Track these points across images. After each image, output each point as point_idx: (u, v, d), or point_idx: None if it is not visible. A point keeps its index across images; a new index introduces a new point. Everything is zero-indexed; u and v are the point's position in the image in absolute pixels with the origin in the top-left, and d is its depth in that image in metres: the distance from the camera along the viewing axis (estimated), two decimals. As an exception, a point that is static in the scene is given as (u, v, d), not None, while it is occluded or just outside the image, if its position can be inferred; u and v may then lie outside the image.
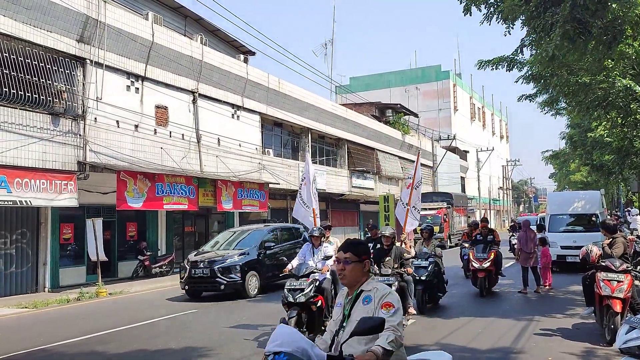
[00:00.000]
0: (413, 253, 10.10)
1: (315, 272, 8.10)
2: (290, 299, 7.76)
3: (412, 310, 9.25)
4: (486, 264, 12.03)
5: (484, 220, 14.19)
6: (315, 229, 8.78)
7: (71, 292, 14.34)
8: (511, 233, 23.73)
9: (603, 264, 7.84)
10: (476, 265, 12.15)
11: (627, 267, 7.77)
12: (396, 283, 8.72)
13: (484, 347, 7.58)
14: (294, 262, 8.45)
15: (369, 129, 34.84)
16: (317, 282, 7.97)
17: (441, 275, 10.85)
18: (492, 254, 12.13)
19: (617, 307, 7.39)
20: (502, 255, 13.25)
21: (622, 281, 7.56)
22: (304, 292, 7.70)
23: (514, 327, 8.85)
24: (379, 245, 9.51)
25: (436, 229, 12.62)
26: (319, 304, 7.86)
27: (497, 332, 8.58)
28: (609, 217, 19.59)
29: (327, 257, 8.20)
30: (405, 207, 10.67)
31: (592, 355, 7.09)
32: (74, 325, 10.25)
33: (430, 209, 29.98)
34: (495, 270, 12.43)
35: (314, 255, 8.44)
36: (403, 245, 9.76)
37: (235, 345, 8.05)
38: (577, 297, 11.54)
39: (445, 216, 31.05)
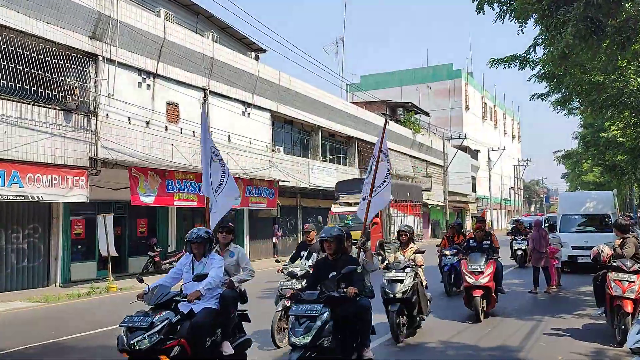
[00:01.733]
0: (376, 263, 7.02)
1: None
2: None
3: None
4: (484, 279, 9.22)
5: (480, 220, 11.24)
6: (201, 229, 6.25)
7: (82, 287, 14.47)
8: (513, 236, 20.19)
9: (614, 264, 7.78)
10: (471, 280, 9.29)
11: (639, 267, 7.69)
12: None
13: (493, 346, 7.54)
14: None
15: (379, 128, 34.67)
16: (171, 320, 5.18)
17: (423, 291, 8.22)
18: (491, 265, 9.48)
19: (628, 308, 7.32)
20: (503, 265, 10.55)
21: (633, 282, 7.49)
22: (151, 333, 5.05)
23: (523, 327, 8.80)
24: (314, 255, 8.06)
25: (356, 234, 8.29)
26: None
27: (506, 331, 8.53)
28: (621, 217, 19.41)
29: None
30: (365, 199, 7.45)
31: (602, 355, 7.03)
32: (85, 320, 10.33)
33: (351, 203, 21.24)
34: (495, 286, 9.64)
35: (193, 271, 5.81)
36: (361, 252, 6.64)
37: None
38: (587, 298, 11.44)
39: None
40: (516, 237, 19.40)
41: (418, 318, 8.17)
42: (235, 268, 6.36)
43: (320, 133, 28.74)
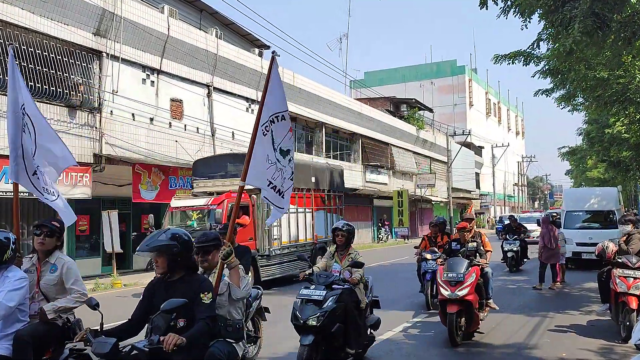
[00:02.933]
0: (246, 286, 4.48)
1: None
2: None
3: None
4: (462, 291, 7.27)
5: (467, 219, 9.49)
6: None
7: (87, 283, 14.40)
8: (504, 236, 16.95)
9: (619, 260, 7.76)
10: (446, 292, 7.36)
11: (644, 264, 7.67)
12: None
13: (497, 342, 7.55)
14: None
15: (383, 124, 34.74)
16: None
17: (354, 317, 6.00)
18: (473, 273, 7.55)
19: (633, 304, 7.30)
20: (492, 273, 8.58)
21: (638, 278, 7.47)
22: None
23: (528, 323, 8.80)
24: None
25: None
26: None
27: (511, 327, 8.53)
28: (625, 213, 19.32)
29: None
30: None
31: (607, 352, 7.02)
32: (89, 316, 10.36)
33: (211, 193, 13.99)
34: (478, 300, 7.75)
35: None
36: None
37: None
38: (592, 294, 11.43)
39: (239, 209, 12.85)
40: (508, 237, 16.42)
41: (343, 354, 5.97)
42: (57, 289, 4.55)
43: (324, 129, 28.73)
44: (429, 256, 10.18)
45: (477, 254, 8.10)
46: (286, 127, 4.91)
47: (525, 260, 17.15)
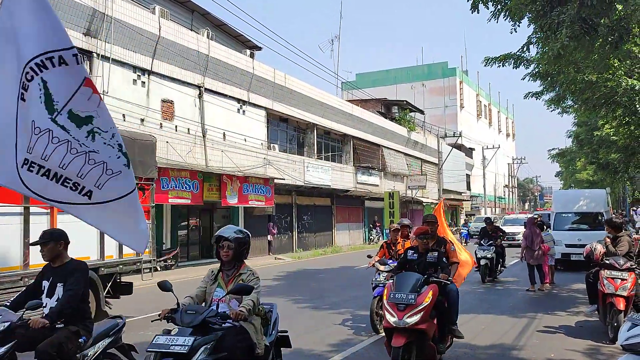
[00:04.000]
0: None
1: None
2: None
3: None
4: (412, 318, 5.61)
5: (428, 221, 7.31)
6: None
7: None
8: (478, 241, 14.84)
9: (607, 261, 7.85)
10: (391, 318, 5.69)
11: (631, 265, 7.77)
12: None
13: (486, 344, 7.60)
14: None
15: (374, 126, 34.84)
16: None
17: None
18: (429, 293, 5.80)
19: (621, 305, 7.38)
20: (458, 293, 6.60)
21: (625, 279, 7.56)
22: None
23: (517, 324, 8.86)
24: None
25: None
26: None
27: (500, 329, 8.58)
28: (614, 215, 19.49)
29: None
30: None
31: (594, 352, 7.09)
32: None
33: None
34: (438, 329, 6.14)
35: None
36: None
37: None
38: (580, 295, 11.53)
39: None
40: (482, 242, 14.31)
41: None
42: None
43: (315, 131, 28.76)
44: (381, 267, 8.37)
45: (439, 268, 6.42)
46: (75, 76, 2.97)
47: (502, 268, 14.82)
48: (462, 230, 33.12)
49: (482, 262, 14.00)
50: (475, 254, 13.88)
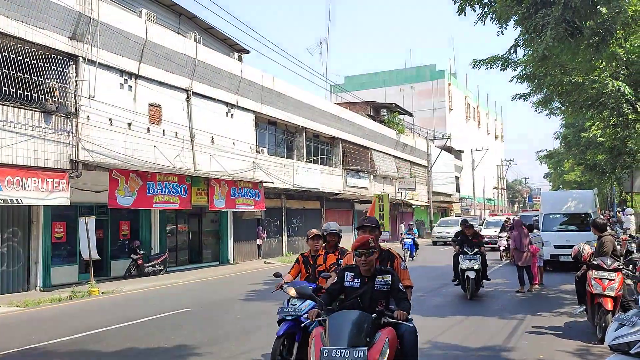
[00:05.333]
0: None
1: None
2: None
3: None
4: None
5: (368, 226, 5.06)
6: None
7: (63, 291, 14.26)
8: (458, 249, 12.38)
9: (595, 262, 7.88)
10: None
11: (619, 265, 7.81)
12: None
13: (476, 346, 7.59)
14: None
15: (363, 128, 34.87)
16: None
17: None
18: (384, 341, 4.01)
19: (609, 305, 7.42)
20: (417, 335, 4.45)
21: (613, 279, 7.60)
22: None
23: (506, 326, 8.87)
24: None
25: None
26: None
27: (490, 330, 8.59)
28: (601, 216, 19.63)
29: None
30: None
31: (583, 353, 7.10)
32: (65, 324, 10.19)
33: None
34: None
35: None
36: None
37: (225, 344, 8.03)
38: (569, 296, 11.59)
39: None
40: (466, 251, 11.99)
41: None
42: None
43: (304, 134, 28.72)
44: (292, 291, 5.94)
45: (390, 299, 4.48)
46: None
47: (487, 280, 12.64)
48: (405, 240, 22.92)
49: (470, 274, 11.71)
50: (455, 263, 12.29)
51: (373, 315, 4.16)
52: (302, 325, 5.35)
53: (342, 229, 6.83)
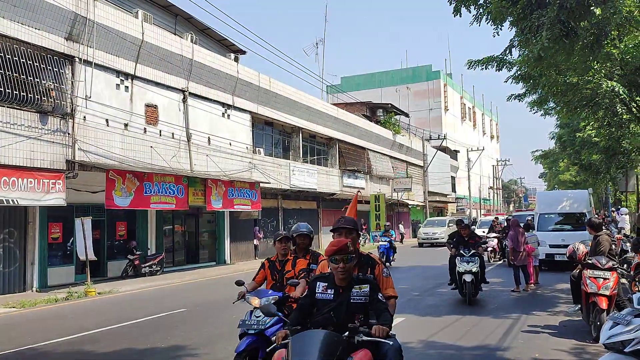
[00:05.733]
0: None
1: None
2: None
3: None
4: None
5: (345, 228, 4.25)
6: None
7: (59, 292, 14.25)
8: (454, 251, 11.68)
9: (589, 261, 7.93)
10: None
11: (613, 264, 7.85)
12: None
13: (471, 345, 7.63)
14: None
15: (360, 129, 34.92)
16: None
17: None
18: None
19: (603, 304, 7.46)
20: (401, 352, 3.75)
21: (608, 278, 7.64)
22: None
23: (502, 325, 8.91)
24: None
25: None
26: None
27: (485, 330, 8.63)
28: (596, 215, 19.73)
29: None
30: None
31: (578, 352, 7.15)
32: (62, 325, 10.19)
33: None
34: None
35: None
36: None
37: (220, 345, 8.04)
38: (564, 295, 11.65)
39: None
40: (463, 253, 11.30)
41: None
42: None
43: (300, 134, 28.74)
44: (255, 302, 5.34)
45: (372, 312, 3.78)
46: None
47: (485, 283, 11.98)
48: (380, 243, 20.13)
49: (467, 277, 10.94)
50: (451, 266, 11.61)
51: (345, 334, 3.46)
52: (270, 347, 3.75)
53: (313, 230, 6.10)
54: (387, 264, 19.16)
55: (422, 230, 34.30)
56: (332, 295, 3.78)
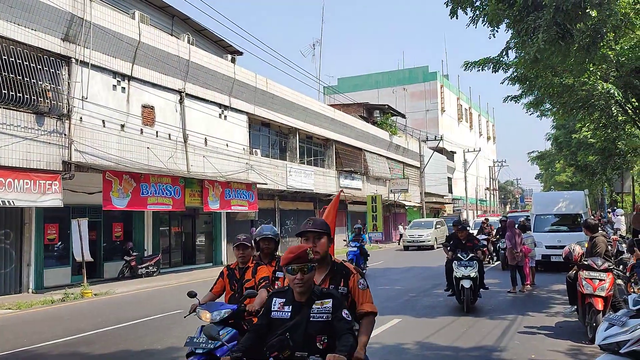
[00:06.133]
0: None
1: None
2: None
3: None
4: None
5: (313, 231, 3.51)
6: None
7: (56, 293, 14.21)
8: (450, 254, 10.82)
9: (586, 262, 7.95)
10: None
11: (609, 266, 7.88)
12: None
13: (468, 346, 7.64)
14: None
15: (356, 130, 34.94)
16: None
17: None
18: None
19: (599, 305, 7.49)
20: None
21: (604, 280, 7.66)
22: None
23: (498, 326, 8.93)
24: None
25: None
26: None
27: (481, 330, 8.64)
28: (592, 216, 19.78)
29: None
30: None
31: (574, 353, 7.17)
32: (58, 326, 10.16)
33: None
34: None
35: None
36: None
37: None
38: (560, 296, 11.67)
39: None
40: (461, 256, 10.52)
41: None
42: None
43: (297, 135, 28.75)
44: (206, 317, 4.92)
45: (336, 333, 3.09)
46: None
47: (484, 289, 11.12)
48: (350, 249, 17.19)
49: (466, 283, 10.15)
50: (448, 271, 10.76)
51: None
52: None
53: (279, 234, 5.57)
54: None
55: (407, 232, 31.76)
56: (290, 313, 3.15)
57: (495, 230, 20.91)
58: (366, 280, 3.58)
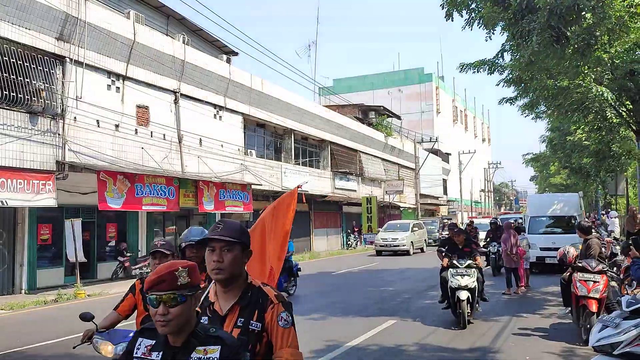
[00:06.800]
0: None
1: None
2: None
3: None
4: None
5: (216, 239, 2.43)
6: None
7: (49, 294, 14.13)
8: (446, 260, 9.60)
9: (580, 264, 7.97)
10: None
11: (603, 267, 7.90)
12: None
13: (464, 347, 7.64)
14: None
15: (352, 131, 34.96)
16: None
17: None
18: None
19: (593, 307, 7.50)
20: None
21: (598, 281, 7.68)
22: None
23: (493, 328, 8.94)
24: None
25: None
26: None
27: (476, 332, 8.64)
28: (586, 219, 19.83)
29: None
30: None
31: (568, 354, 7.19)
32: (51, 327, 10.10)
33: None
34: None
35: None
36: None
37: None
38: (554, 298, 11.69)
39: None
40: (457, 263, 9.33)
41: None
42: None
43: (292, 136, 28.73)
44: (107, 350, 4.31)
45: None
46: None
47: (485, 301, 10.27)
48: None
49: (462, 295, 8.90)
50: (443, 281, 9.52)
51: None
52: None
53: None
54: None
55: (380, 235, 28.07)
56: (160, 357, 2.12)
57: (486, 233, 20.64)
58: (292, 312, 2.49)
